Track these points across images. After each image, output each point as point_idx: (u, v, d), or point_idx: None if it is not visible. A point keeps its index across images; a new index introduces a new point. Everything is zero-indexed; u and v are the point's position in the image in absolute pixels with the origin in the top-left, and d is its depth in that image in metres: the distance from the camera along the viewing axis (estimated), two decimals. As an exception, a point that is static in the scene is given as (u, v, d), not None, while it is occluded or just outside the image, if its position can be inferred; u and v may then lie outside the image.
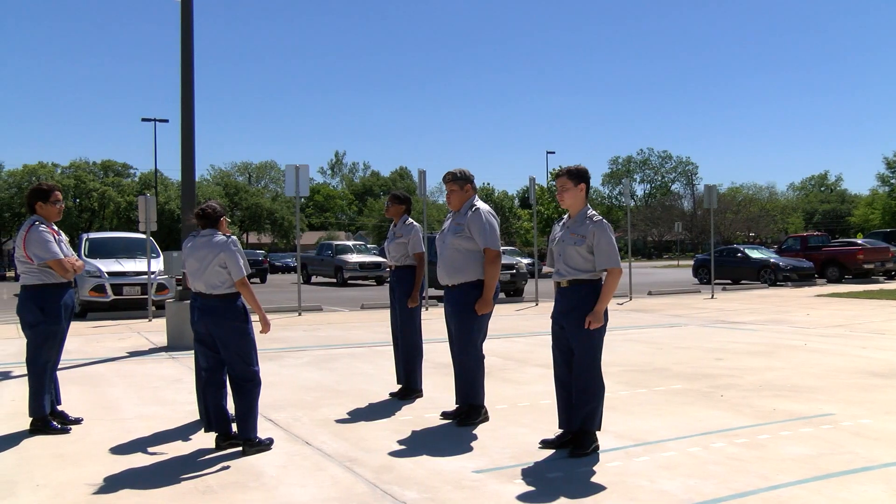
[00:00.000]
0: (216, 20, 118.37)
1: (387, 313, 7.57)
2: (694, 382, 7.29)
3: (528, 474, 4.46)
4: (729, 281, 25.89)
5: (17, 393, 6.94)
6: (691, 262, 32.83)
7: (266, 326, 5.19)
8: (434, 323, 10.40)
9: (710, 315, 14.48)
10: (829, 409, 6.07)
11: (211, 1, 57.24)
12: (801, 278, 24.40)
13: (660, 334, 11.40)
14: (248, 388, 5.01)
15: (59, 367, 5.90)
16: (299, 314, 15.64)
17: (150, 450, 5.12)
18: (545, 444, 5.02)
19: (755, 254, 26.64)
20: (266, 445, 5.03)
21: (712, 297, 19.11)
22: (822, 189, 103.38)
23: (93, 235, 19.15)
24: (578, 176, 4.95)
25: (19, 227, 6.02)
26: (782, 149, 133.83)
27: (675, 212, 73.38)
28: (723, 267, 25.60)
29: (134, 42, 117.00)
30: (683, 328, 12.28)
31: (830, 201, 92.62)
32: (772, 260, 25.44)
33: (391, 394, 6.80)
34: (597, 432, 4.89)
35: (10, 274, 40.81)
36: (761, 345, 9.97)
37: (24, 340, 5.68)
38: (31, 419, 5.60)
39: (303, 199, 17.13)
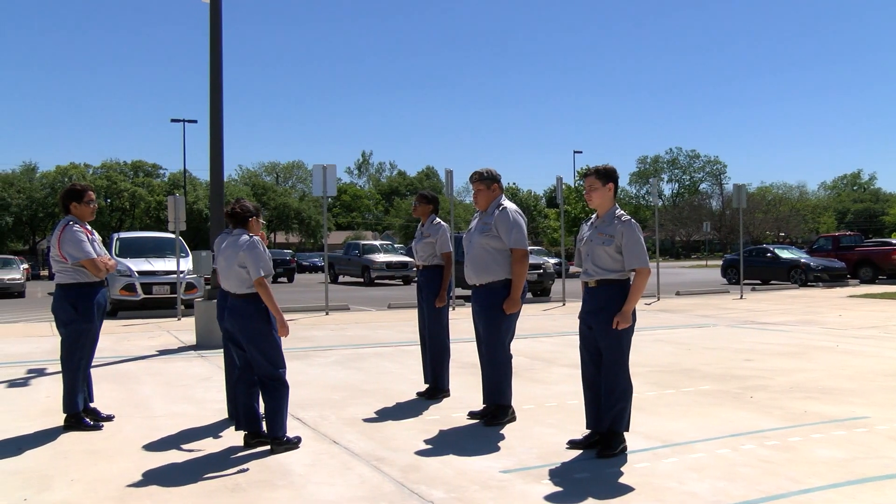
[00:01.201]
0: (244, 22, 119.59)
1: (414, 313, 7.59)
2: (723, 383, 7.21)
3: (556, 475, 4.44)
4: (758, 281, 25.57)
5: (52, 390, 7.07)
6: (720, 263, 32.48)
7: (283, 330, 5.04)
8: (461, 322, 10.41)
9: (739, 315, 14.32)
10: (863, 412, 5.97)
11: (239, 3, 57.81)
12: (832, 279, 24.01)
13: (688, 335, 11.30)
14: (275, 386, 5.02)
15: (92, 364, 5.99)
16: (326, 313, 15.73)
17: (180, 447, 5.18)
18: (572, 444, 5.00)
19: (785, 254, 26.28)
20: (294, 444, 5.06)
21: (741, 298, 18.89)
22: (855, 188, 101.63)
23: (123, 235, 19.44)
24: (606, 175, 4.93)
25: (54, 226, 6.12)
26: (813, 147, 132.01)
27: (703, 211, 72.58)
28: (752, 267, 25.29)
29: (163, 45, 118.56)
30: (712, 329, 12.16)
31: (864, 200, 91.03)
32: (802, 260, 25.07)
33: (418, 393, 6.81)
34: (625, 433, 4.86)
35: (45, 273, 41.56)
36: (791, 346, 9.84)
37: (59, 338, 5.78)
38: (65, 415, 5.70)
39: (330, 199, 17.21)
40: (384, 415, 6.10)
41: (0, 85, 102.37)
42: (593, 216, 5.06)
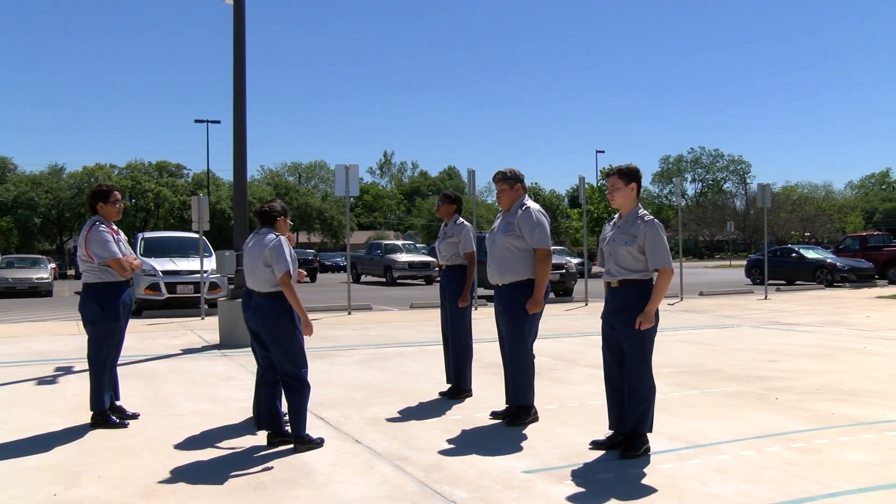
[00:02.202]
0: (267, 23, 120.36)
1: (436, 313, 7.59)
2: (747, 384, 7.14)
3: (578, 475, 4.43)
4: (783, 282, 25.29)
5: (79, 387, 7.16)
6: (744, 263, 32.17)
7: (307, 328, 5.07)
8: (484, 322, 10.40)
9: (763, 316, 14.17)
10: (893, 414, 5.88)
11: (262, 4, 58.16)
12: (859, 279, 23.69)
13: (712, 335, 11.20)
14: (297, 386, 5.05)
15: (118, 363, 6.07)
16: (349, 313, 15.78)
17: (204, 445, 5.23)
18: (595, 445, 4.98)
19: (811, 254, 25.96)
20: (317, 444, 5.09)
21: (766, 298, 18.69)
22: (884, 187, 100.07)
23: (148, 235, 19.64)
24: (629, 175, 4.90)
25: (80, 226, 6.21)
26: (840, 146, 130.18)
27: (727, 211, 71.93)
28: (777, 267, 25.01)
29: (187, 46, 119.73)
30: (736, 329, 12.04)
31: (892, 199, 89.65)
32: (828, 260, 24.75)
33: (441, 393, 6.82)
34: (648, 434, 4.84)
35: (72, 272, 42.10)
36: (817, 347, 9.72)
37: (86, 337, 5.86)
38: (91, 413, 5.77)
39: (352, 199, 17.23)
40: (407, 414, 6.11)
41: (28, 88, 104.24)
42: (616, 216, 5.03)
